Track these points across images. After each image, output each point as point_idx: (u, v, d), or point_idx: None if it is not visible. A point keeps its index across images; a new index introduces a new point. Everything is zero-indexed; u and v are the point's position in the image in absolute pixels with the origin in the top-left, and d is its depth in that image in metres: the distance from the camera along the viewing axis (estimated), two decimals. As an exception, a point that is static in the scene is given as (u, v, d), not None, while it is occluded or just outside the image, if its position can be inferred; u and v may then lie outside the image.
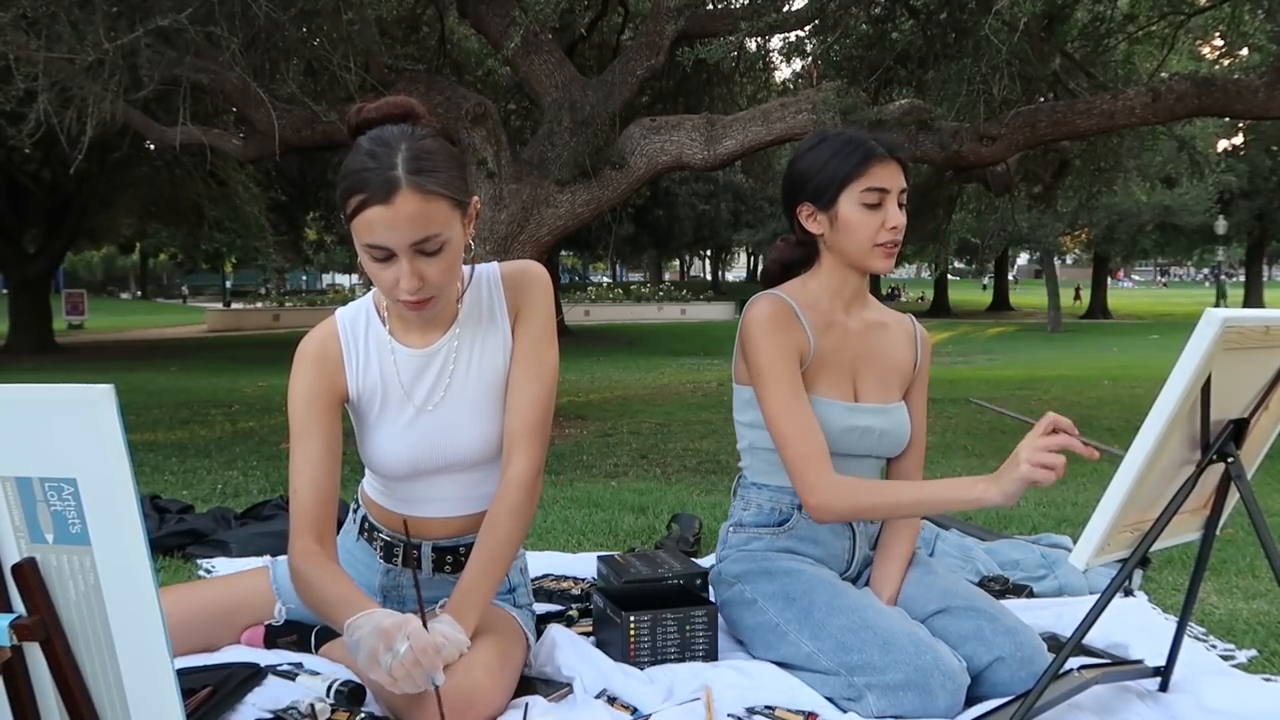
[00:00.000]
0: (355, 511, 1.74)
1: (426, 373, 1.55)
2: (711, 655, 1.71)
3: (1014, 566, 2.31)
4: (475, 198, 1.47)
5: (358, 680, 1.54)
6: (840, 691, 1.52)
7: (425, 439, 1.56)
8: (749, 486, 1.79)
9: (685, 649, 1.69)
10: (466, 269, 1.57)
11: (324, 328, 1.57)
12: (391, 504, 1.64)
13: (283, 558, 1.74)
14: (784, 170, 1.77)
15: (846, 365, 1.71)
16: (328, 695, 1.50)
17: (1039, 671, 1.48)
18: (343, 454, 1.55)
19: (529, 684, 1.58)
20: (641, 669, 1.64)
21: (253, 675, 1.58)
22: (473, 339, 1.56)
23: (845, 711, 1.49)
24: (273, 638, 1.73)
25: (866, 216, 1.64)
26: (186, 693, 1.47)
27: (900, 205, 1.66)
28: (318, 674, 1.58)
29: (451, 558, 1.63)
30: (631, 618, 1.66)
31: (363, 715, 1.48)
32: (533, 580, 2.22)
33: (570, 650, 1.65)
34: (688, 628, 1.69)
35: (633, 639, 1.66)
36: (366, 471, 1.68)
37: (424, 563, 1.64)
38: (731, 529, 1.81)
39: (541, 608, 2.06)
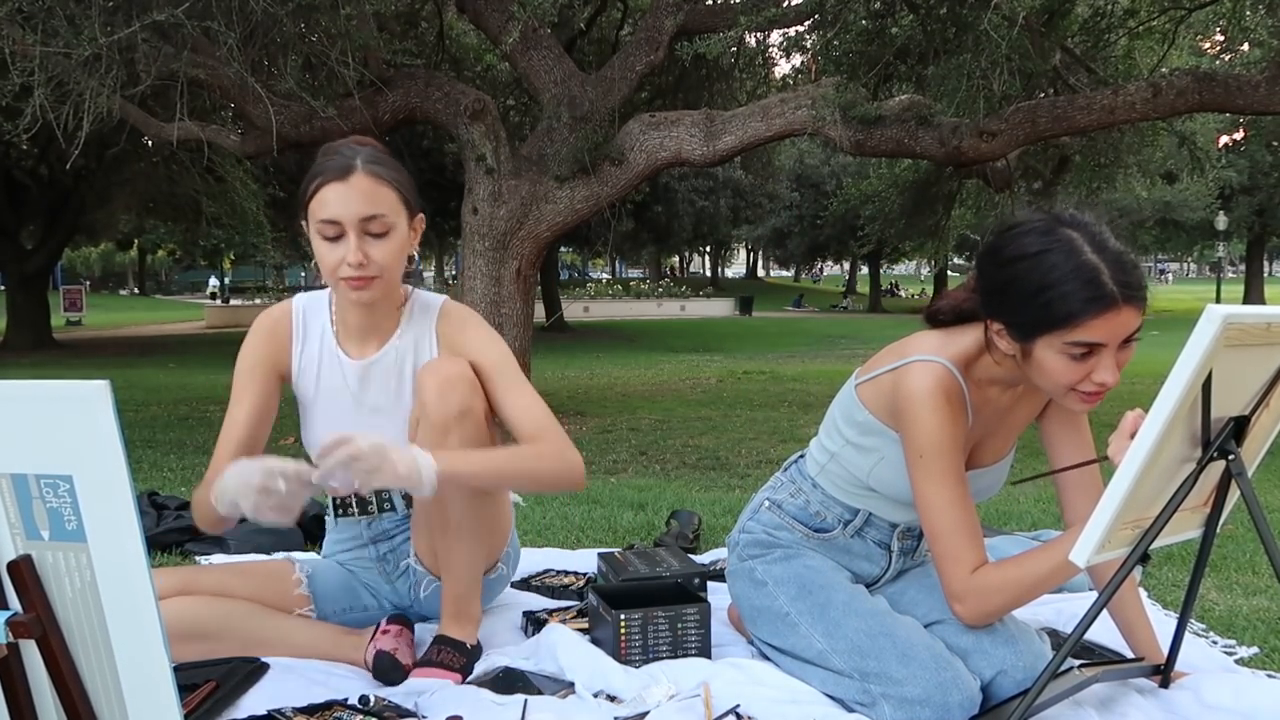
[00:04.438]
0: (328, 506, 1.82)
1: (364, 381, 1.68)
2: (704, 653, 1.70)
3: (1013, 563, 2.31)
4: (421, 215, 1.63)
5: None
6: (852, 695, 1.49)
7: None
8: (806, 477, 1.68)
9: (677, 647, 1.68)
10: (407, 289, 1.71)
11: (281, 308, 1.72)
12: None
13: (307, 555, 1.80)
14: (991, 251, 1.41)
15: (975, 437, 1.55)
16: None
17: None
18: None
19: (532, 683, 1.58)
20: (636, 668, 1.64)
21: (256, 669, 1.58)
22: (408, 355, 1.68)
23: (851, 710, 1.48)
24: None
25: (1068, 367, 1.34)
26: (189, 688, 1.47)
27: (1128, 343, 1.34)
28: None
29: None
30: (622, 616, 1.66)
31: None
32: (533, 576, 2.22)
33: (571, 649, 1.65)
34: (680, 626, 1.69)
35: (623, 637, 1.66)
36: None
37: (396, 501, 1.76)
38: (767, 505, 1.71)
39: (541, 603, 2.06)
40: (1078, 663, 1.58)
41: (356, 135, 1.64)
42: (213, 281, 40.76)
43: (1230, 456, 1.32)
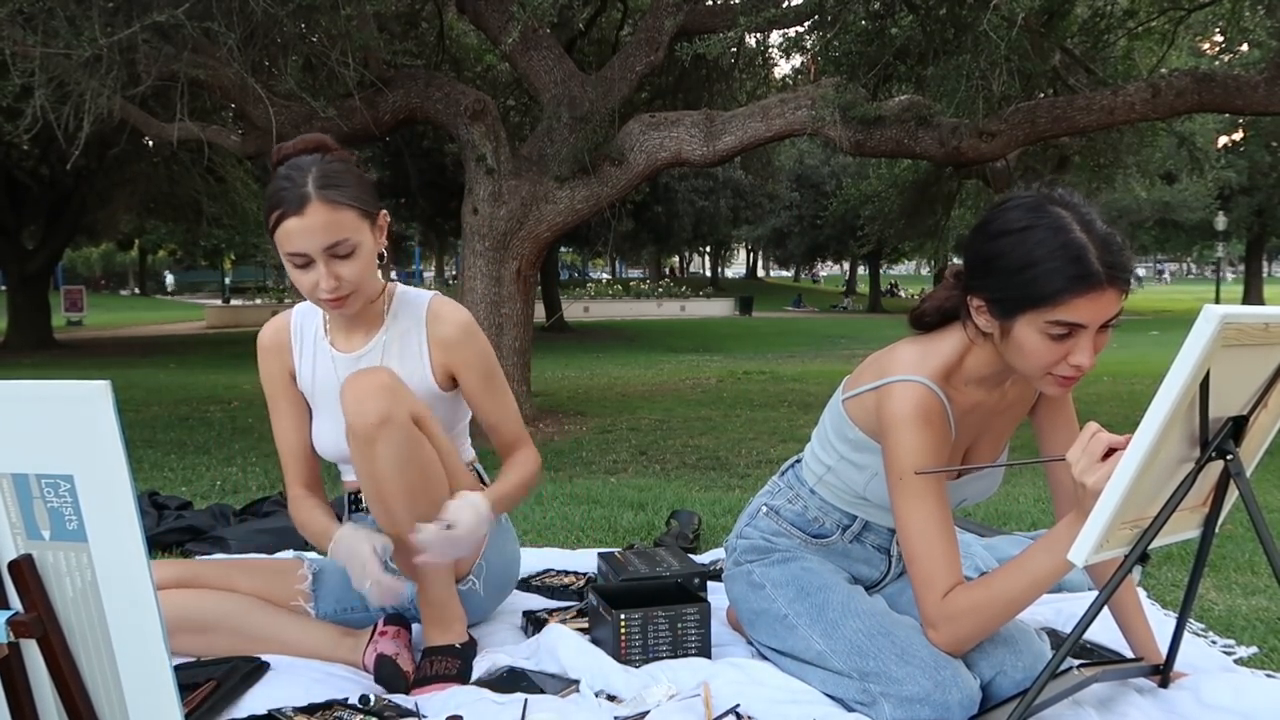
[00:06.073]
0: (344, 501, 1.88)
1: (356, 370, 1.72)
2: (704, 653, 1.70)
3: (1013, 563, 2.31)
4: (384, 211, 1.69)
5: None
6: (852, 694, 1.49)
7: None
8: (804, 484, 1.68)
9: (677, 647, 1.69)
10: (389, 282, 1.79)
11: (279, 319, 1.82)
12: (347, 475, 1.85)
13: (313, 555, 1.94)
14: (978, 226, 1.41)
15: (968, 440, 1.56)
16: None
17: None
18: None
19: (535, 682, 1.58)
20: (636, 667, 1.64)
21: (256, 669, 1.59)
22: (393, 348, 1.75)
23: (851, 710, 1.49)
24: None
25: (1047, 347, 1.34)
26: (190, 687, 1.47)
27: (1106, 328, 1.34)
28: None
29: None
30: (622, 616, 1.66)
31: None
32: (533, 576, 2.22)
33: (572, 648, 1.66)
34: (679, 625, 1.69)
35: (624, 637, 1.66)
36: None
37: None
38: (765, 511, 1.71)
39: (542, 603, 2.06)
40: (1077, 662, 1.58)
41: (304, 137, 1.67)
42: (169, 278, 41.40)
43: (1229, 456, 1.32)
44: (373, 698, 1.52)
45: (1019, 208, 1.36)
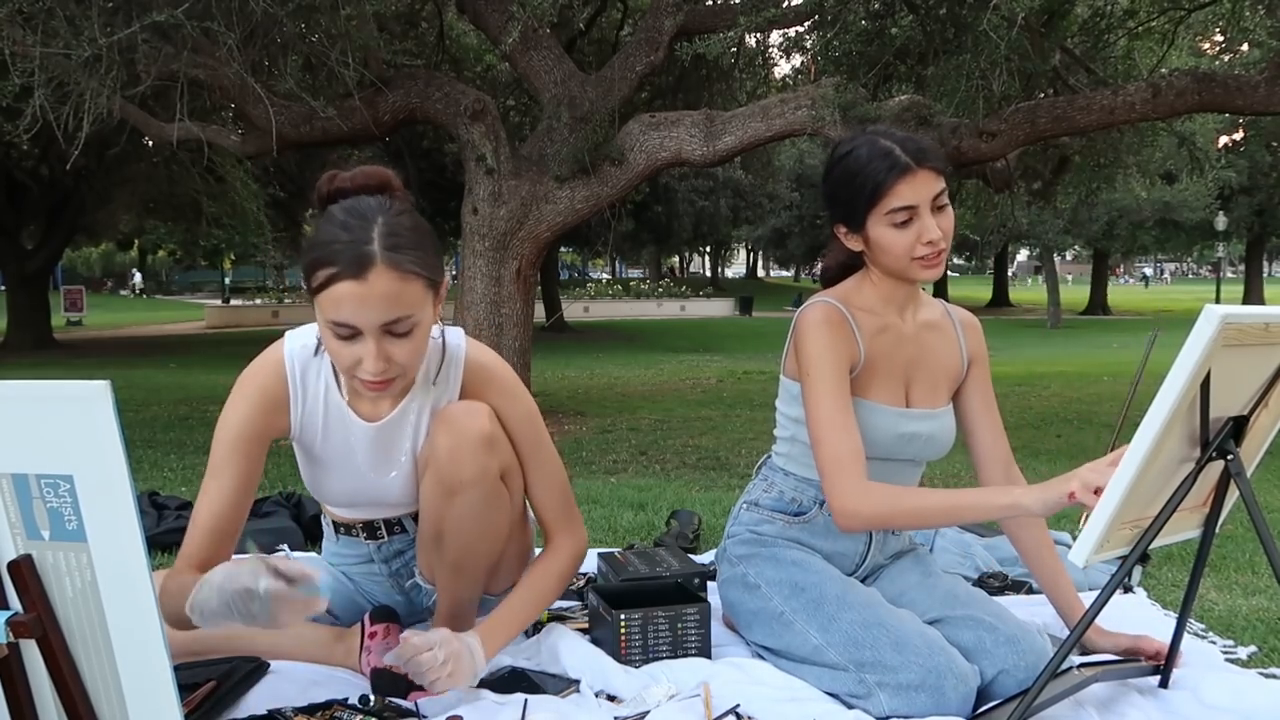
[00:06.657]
0: (325, 519, 1.78)
1: (378, 443, 1.56)
2: (704, 653, 1.70)
3: (1013, 562, 2.31)
4: (445, 283, 1.41)
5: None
6: (848, 688, 1.50)
7: (366, 490, 1.62)
8: (775, 470, 1.77)
9: (677, 647, 1.69)
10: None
11: (270, 368, 1.49)
12: (349, 514, 1.70)
13: (308, 557, 1.77)
14: (823, 179, 1.70)
15: (900, 370, 1.68)
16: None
17: None
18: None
19: (536, 682, 1.58)
20: (636, 668, 1.64)
21: (256, 669, 1.58)
22: (421, 409, 1.54)
23: (851, 708, 1.49)
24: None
25: (898, 235, 1.57)
26: (190, 687, 1.47)
27: (939, 208, 1.57)
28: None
29: None
30: (622, 616, 1.66)
31: None
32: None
33: (572, 649, 1.65)
34: (680, 626, 1.69)
35: (624, 637, 1.66)
36: None
37: (407, 525, 1.69)
38: (745, 507, 1.79)
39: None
40: (1077, 661, 1.58)
41: (365, 170, 1.40)
42: (136, 276, 41.85)
43: (1229, 456, 1.32)
44: (372, 698, 1.52)
45: (841, 144, 1.64)
